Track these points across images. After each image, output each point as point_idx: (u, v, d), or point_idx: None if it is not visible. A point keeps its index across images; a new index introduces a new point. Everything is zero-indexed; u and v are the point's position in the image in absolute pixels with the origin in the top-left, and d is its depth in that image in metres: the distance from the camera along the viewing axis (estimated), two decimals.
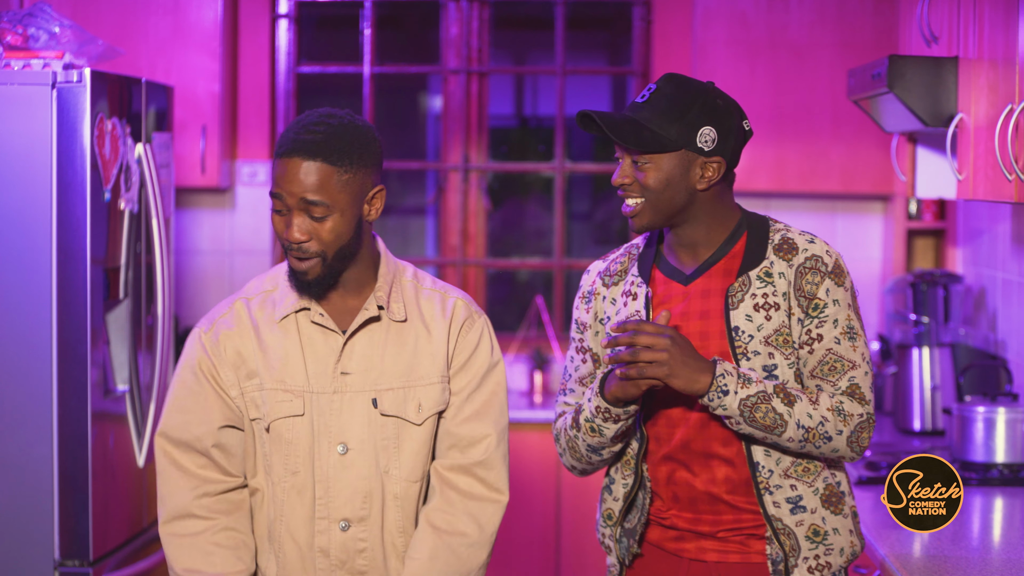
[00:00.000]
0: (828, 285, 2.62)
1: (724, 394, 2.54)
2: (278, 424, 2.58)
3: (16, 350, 3.82)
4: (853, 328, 2.63)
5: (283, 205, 2.52)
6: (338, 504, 2.59)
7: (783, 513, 2.62)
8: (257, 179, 5.46)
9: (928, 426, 4.49)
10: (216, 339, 2.61)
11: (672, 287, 2.69)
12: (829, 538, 2.63)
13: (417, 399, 2.61)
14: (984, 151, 3.31)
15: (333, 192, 2.50)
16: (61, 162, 3.83)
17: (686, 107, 2.63)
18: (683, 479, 2.67)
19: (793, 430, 2.56)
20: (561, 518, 4.98)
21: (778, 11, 5.03)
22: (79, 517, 3.85)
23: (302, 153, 2.50)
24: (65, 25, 4.05)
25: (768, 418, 2.55)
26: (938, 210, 5.06)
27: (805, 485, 2.63)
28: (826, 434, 2.57)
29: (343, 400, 2.59)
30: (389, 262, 2.65)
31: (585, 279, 2.83)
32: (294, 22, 5.50)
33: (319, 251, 2.52)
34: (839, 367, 2.61)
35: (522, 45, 6.14)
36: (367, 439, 2.58)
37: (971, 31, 3.47)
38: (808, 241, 2.66)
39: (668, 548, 2.70)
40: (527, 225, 5.88)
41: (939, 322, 4.59)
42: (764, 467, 2.62)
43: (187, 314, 5.41)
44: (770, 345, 2.61)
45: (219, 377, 2.61)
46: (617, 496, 2.72)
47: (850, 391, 2.61)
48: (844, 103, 4.96)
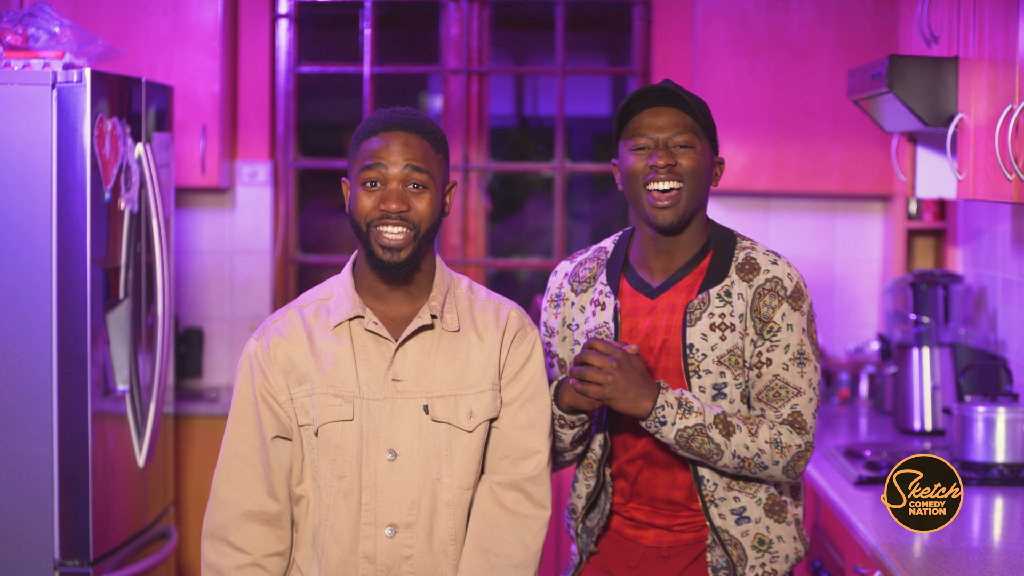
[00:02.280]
0: (784, 309, 2.65)
1: (662, 424, 2.60)
2: (327, 428, 2.58)
3: (16, 350, 3.82)
4: (804, 353, 2.66)
5: (381, 177, 2.55)
6: (385, 509, 2.58)
7: (729, 524, 2.70)
8: (257, 179, 5.45)
9: (928, 426, 4.49)
10: (267, 345, 2.62)
11: (639, 300, 2.73)
12: (774, 546, 2.71)
13: (468, 406, 2.61)
14: (984, 151, 3.31)
15: (434, 166, 2.57)
16: (61, 162, 3.83)
17: (702, 108, 2.69)
18: (645, 479, 2.75)
19: (728, 459, 2.63)
20: (561, 516, 4.98)
21: (778, 11, 5.03)
22: (79, 517, 3.85)
23: (405, 128, 2.56)
24: (65, 25, 4.05)
25: (704, 448, 2.62)
26: (938, 210, 5.06)
27: (748, 496, 2.70)
28: (762, 464, 2.64)
29: (393, 406, 2.58)
30: (444, 273, 2.67)
31: (553, 281, 2.85)
32: (294, 22, 5.50)
33: (415, 222, 2.55)
34: (783, 393, 2.66)
35: (522, 45, 6.14)
36: (417, 446, 2.58)
37: (971, 31, 3.47)
38: (771, 262, 2.69)
39: (626, 535, 2.79)
40: (527, 225, 5.88)
41: (939, 322, 4.58)
42: (708, 480, 2.69)
43: (187, 314, 5.42)
44: (722, 364, 2.66)
45: (269, 387, 2.61)
46: (580, 494, 2.82)
47: (791, 419, 2.66)
48: (844, 103, 4.96)
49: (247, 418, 2.63)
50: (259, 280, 5.45)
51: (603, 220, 5.89)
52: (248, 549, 2.59)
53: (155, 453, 4.28)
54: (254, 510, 2.60)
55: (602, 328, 2.73)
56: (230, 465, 2.62)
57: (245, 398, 2.63)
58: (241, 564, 2.59)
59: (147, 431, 4.19)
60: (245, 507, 2.60)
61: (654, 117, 2.65)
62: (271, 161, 5.48)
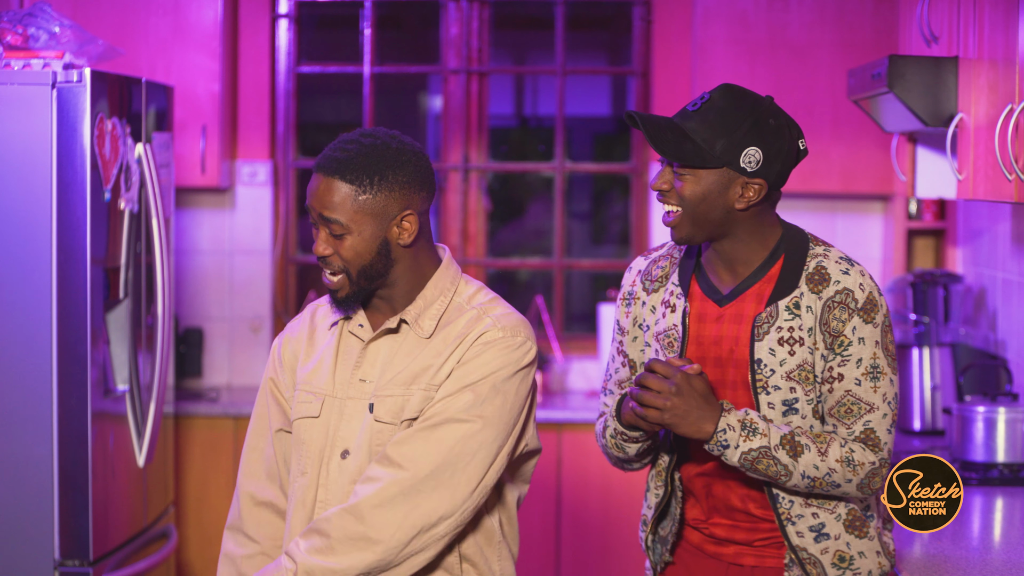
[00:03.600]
0: (856, 323, 2.57)
1: (724, 447, 2.54)
2: (298, 424, 2.61)
3: (16, 350, 3.82)
4: (878, 367, 2.58)
5: (312, 220, 2.56)
6: (331, 507, 2.57)
7: (807, 543, 2.62)
8: (257, 179, 5.45)
9: (928, 426, 4.49)
10: (282, 341, 2.70)
11: (708, 306, 2.65)
12: (855, 562, 2.64)
13: (411, 407, 2.56)
14: (984, 151, 3.31)
15: (349, 212, 2.50)
16: (61, 162, 3.83)
17: (735, 125, 2.56)
18: (720, 492, 2.69)
19: (797, 479, 2.57)
20: (561, 518, 4.98)
21: (778, 11, 5.03)
22: (79, 517, 3.85)
23: (324, 170, 2.51)
24: (65, 25, 4.05)
25: (771, 470, 2.56)
26: (938, 210, 5.06)
27: (827, 512, 2.63)
28: (833, 483, 2.58)
29: (350, 405, 2.58)
30: (440, 284, 2.58)
31: (626, 278, 2.79)
32: (294, 22, 5.50)
33: (341, 267, 2.53)
34: (855, 410, 2.58)
35: (522, 45, 6.14)
36: (364, 445, 2.56)
37: (971, 31, 3.46)
38: (843, 272, 2.59)
39: (707, 551, 2.72)
40: (527, 225, 5.88)
41: (939, 322, 4.58)
42: (784, 498, 2.62)
43: (187, 314, 5.42)
44: (792, 380, 2.59)
45: (279, 381, 2.68)
46: (651, 504, 2.75)
47: (864, 436, 2.59)
48: (844, 103, 4.96)
49: (261, 412, 2.70)
50: (259, 280, 5.45)
51: (603, 220, 5.90)
52: (259, 539, 2.64)
53: (155, 453, 4.28)
54: (265, 500, 2.65)
55: (671, 331, 2.66)
56: (247, 458, 2.69)
57: (262, 391, 2.71)
58: (252, 553, 2.64)
59: (147, 431, 4.19)
60: (259, 497, 2.66)
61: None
62: (271, 161, 5.48)
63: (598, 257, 5.72)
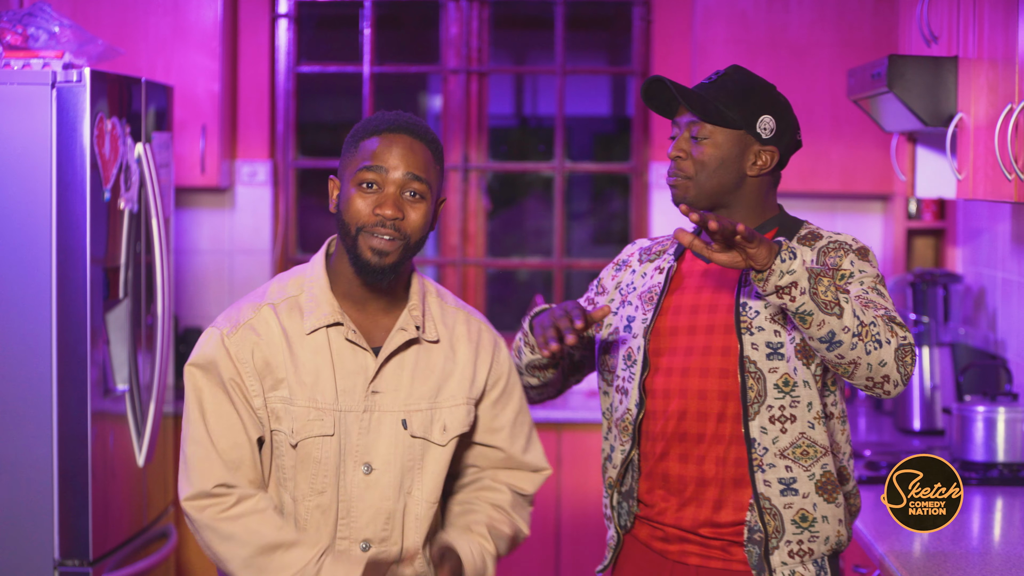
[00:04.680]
0: (852, 258, 2.64)
1: (793, 257, 2.44)
2: (307, 443, 2.50)
3: (16, 350, 3.82)
4: (881, 292, 2.61)
5: (379, 180, 2.46)
6: (359, 525, 2.53)
7: (772, 492, 2.61)
8: (257, 179, 5.46)
9: (928, 426, 4.49)
10: (241, 344, 2.49)
11: (696, 264, 2.72)
12: (816, 525, 2.62)
13: (442, 420, 2.56)
14: (984, 151, 3.31)
15: (432, 176, 2.49)
16: (61, 162, 3.83)
17: (752, 92, 2.71)
18: (674, 456, 2.67)
19: (849, 317, 2.46)
20: (561, 517, 4.98)
21: (778, 11, 5.03)
22: (79, 517, 3.85)
23: (410, 132, 2.48)
24: (65, 25, 4.05)
25: (829, 293, 2.46)
26: (938, 210, 5.06)
27: (801, 468, 2.62)
28: (877, 336, 2.48)
29: (371, 419, 2.52)
30: (418, 280, 2.59)
31: (627, 249, 2.88)
32: (294, 22, 5.50)
33: (406, 233, 2.46)
34: (873, 305, 2.57)
35: (522, 45, 6.14)
36: (393, 460, 2.52)
37: (971, 31, 3.47)
38: (835, 233, 2.70)
39: (654, 547, 2.72)
40: (527, 225, 5.88)
41: (939, 322, 4.59)
42: (759, 444, 2.61)
43: (187, 314, 5.42)
44: (775, 323, 2.61)
45: (244, 386, 2.49)
46: (616, 463, 2.74)
47: (890, 318, 2.55)
48: (844, 103, 4.96)
49: (223, 411, 2.50)
50: (259, 280, 5.45)
51: (603, 220, 5.90)
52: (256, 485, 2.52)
53: (155, 453, 4.28)
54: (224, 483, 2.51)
55: (653, 288, 2.72)
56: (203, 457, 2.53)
57: (213, 389, 2.50)
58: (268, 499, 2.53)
59: (147, 431, 4.19)
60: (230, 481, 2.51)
61: (683, 106, 2.71)
62: (271, 161, 5.48)
63: (598, 257, 5.71)
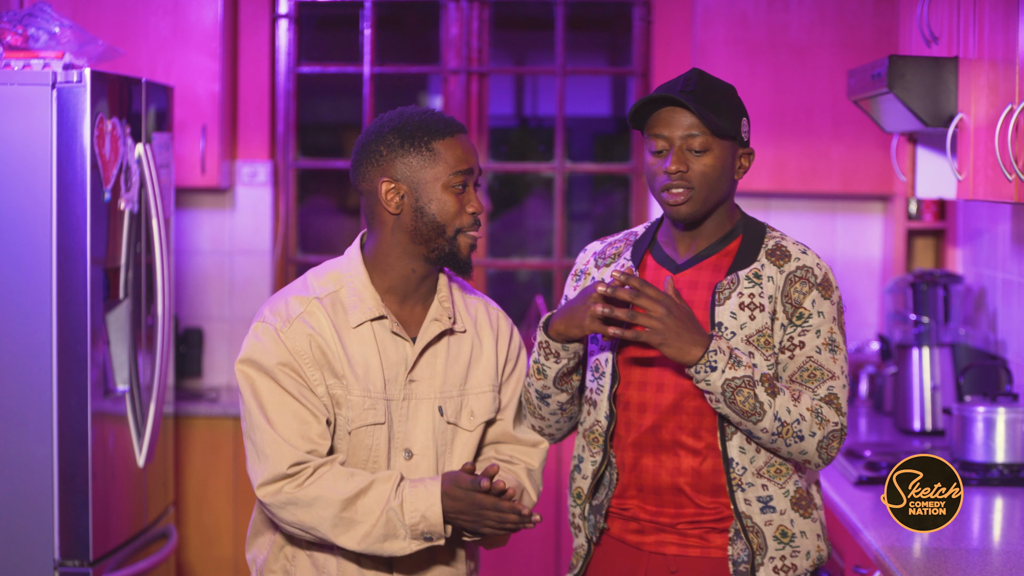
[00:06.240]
0: (815, 296, 2.63)
1: (711, 370, 2.54)
2: (361, 432, 2.62)
3: (16, 350, 3.82)
4: (835, 342, 2.63)
5: (469, 181, 2.65)
6: None
7: (753, 511, 2.63)
8: (257, 179, 5.45)
9: (928, 426, 4.49)
10: (298, 336, 2.59)
11: (661, 273, 2.70)
12: (796, 540, 2.64)
13: (470, 407, 2.69)
14: (984, 151, 3.31)
15: None
16: (61, 162, 3.83)
17: (726, 96, 2.67)
18: (648, 466, 2.67)
19: (769, 421, 2.56)
20: (561, 517, 4.98)
21: (778, 11, 5.03)
22: (79, 517, 3.85)
23: (464, 129, 2.66)
24: (65, 25, 4.05)
25: (748, 404, 2.55)
26: (938, 210, 5.06)
27: (776, 486, 2.64)
28: (799, 433, 2.57)
29: (409, 407, 2.65)
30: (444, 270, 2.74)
31: (580, 258, 2.85)
32: (294, 22, 5.50)
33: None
34: (819, 375, 2.62)
35: (522, 45, 6.14)
36: (430, 444, 2.65)
37: (971, 31, 3.47)
38: (801, 251, 2.68)
39: (629, 541, 2.72)
40: (527, 225, 5.88)
41: (939, 322, 4.58)
42: (738, 464, 2.63)
43: (187, 314, 5.42)
44: (751, 344, 2.62)
45: (305, 376, 2.59)
46: (586, 474, 2.74)
47: (828, 399, 2.62)
48: (844, 103, 4.96)
49: (288, 399, 2.59)
50: (259, 280, 5.46)
51: (603, 220, 5.90)
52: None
53: (155, 453, 4.28)
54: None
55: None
56: (281, 438, 2.61)
57: (279, 379, 2.59)
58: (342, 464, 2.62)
59: (147, 431, 4.19)
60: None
61: (671, 115, 2.63)
62: (271, 161, 5.48)
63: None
